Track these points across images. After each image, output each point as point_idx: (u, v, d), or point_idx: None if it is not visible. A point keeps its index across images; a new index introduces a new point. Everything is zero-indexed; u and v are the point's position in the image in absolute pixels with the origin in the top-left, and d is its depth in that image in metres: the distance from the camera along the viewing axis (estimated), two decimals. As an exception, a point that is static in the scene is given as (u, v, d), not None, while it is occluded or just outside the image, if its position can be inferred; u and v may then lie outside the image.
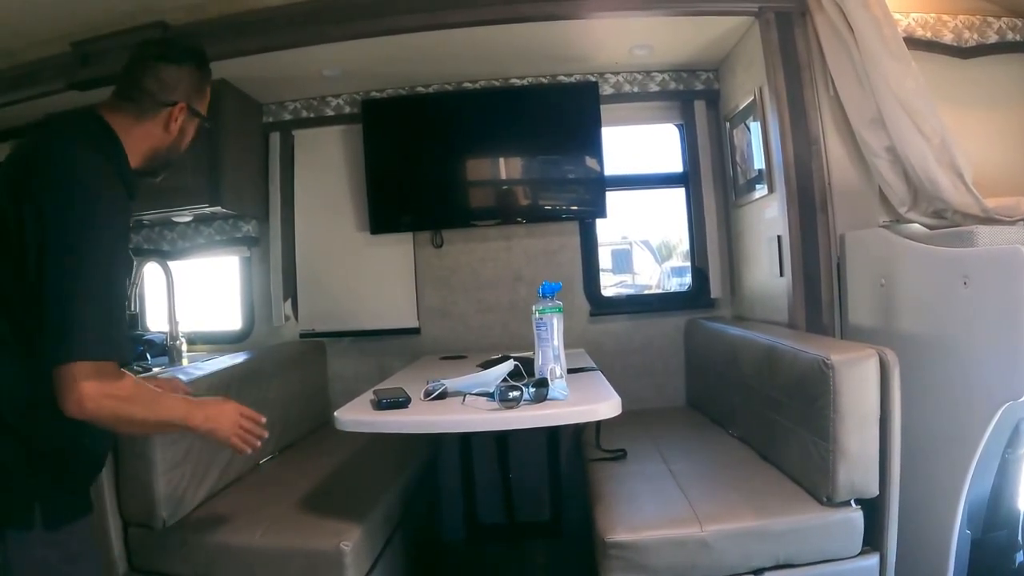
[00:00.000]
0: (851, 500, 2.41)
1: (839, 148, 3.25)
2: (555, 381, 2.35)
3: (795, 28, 3.30)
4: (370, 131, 4.13)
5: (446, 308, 4.23)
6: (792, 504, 2.45)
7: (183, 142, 1.95)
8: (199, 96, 1.96)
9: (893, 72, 2.90)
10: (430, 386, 2.46)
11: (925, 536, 2.54)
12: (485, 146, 4.16)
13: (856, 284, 3.13)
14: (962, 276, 2.40)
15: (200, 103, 1.97)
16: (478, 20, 3.36)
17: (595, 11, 3.34)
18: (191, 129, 1.96)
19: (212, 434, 1.89)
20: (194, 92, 1.93)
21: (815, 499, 2.45)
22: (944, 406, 2.50)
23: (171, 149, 1.93)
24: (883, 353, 2.39)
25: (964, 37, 3.40)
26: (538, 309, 2.45)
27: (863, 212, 3.21)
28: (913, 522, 2.53)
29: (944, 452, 2.49)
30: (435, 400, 2.41)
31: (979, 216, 2.79)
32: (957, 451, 2.42)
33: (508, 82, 4.20)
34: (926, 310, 2.63)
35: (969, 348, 2.40)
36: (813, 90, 3.27)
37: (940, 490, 2.49)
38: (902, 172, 2.98)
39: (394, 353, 4.15)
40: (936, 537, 2.49)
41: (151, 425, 1.78)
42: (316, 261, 4.28)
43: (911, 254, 2.71)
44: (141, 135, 1.83)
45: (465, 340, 4.17)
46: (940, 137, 2.83)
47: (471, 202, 4.17)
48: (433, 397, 2.42)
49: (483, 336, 4.16)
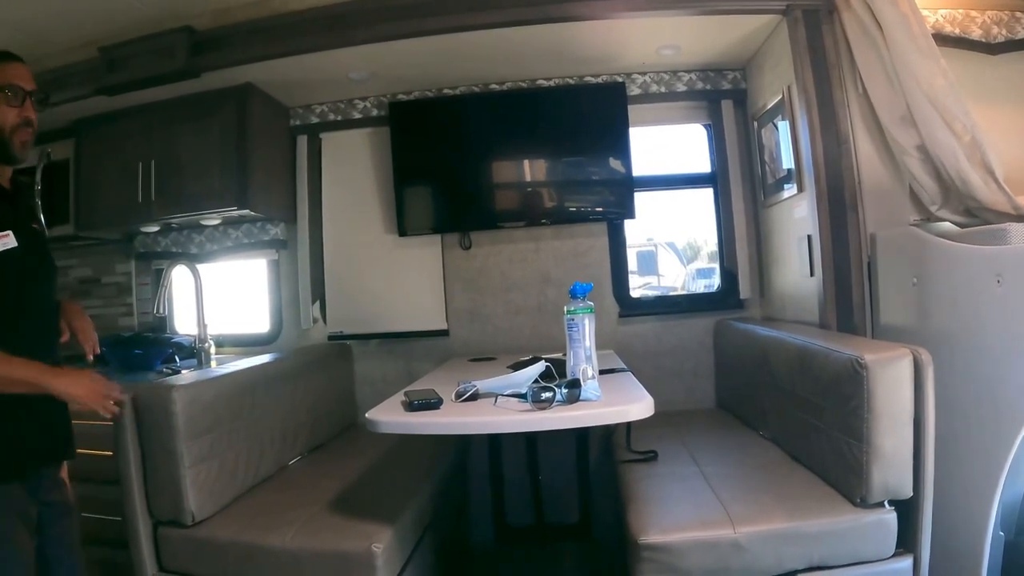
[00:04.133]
0: (885, 501, 2.40)
1: (868, 147, 3.22)
2: (587, 382, 2.35)
3: (823, 26, 3.29)
4: (397, 133, 4.15)
5: (474, 310, 4.24)
6: (825, 506, 2.44)
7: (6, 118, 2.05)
8: None
9: (923, 69, 2.87)
10: (461, 387, 2.46)
11: (959, 538, 2.51)
12: (512, 147, 4.17)
13: (887, 283, 3.10)
14: (995, 274, 2.37)
15: None
16: (504, 22, 3.37)
17: (621, 11, 3.33)
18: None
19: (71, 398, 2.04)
20: None
21: (848, 500, 2.43)
22: (977, 406, 2.47)
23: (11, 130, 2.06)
24: (917, 353, 2.36)
25: (992, 33, 3.37)
26: (569, 309, 2.45)
27: (893, 211, 3.18)
28: (946, 524, 2.51)
29: (977, 453, 2.46)
30: (466, 401, 2.41)
31: (1011, 214, 2.76)
32: (991, 452, 2.39)
33: (535, 83, 4.21)
34: (959, 309, 2.60)
35: (1003, 347, 2.37)
36: (842, 88, 3.25)
37: (974, 491, 2.46)
38: (933, 170, 2.95)
39: (422, 355, 4.17)
40: (970, 539, 2.47)
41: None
42: (344, 264, 4.29)
43: (943, 253, 2.68)
44: None
45: (494, 342, 4.17)
46: (971, 134, 2.80)
47: (498, 204, 4.17)
48: (465, 398, 2.42)
49: (512, 338, 4.16)
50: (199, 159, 3.79)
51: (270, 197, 4.04)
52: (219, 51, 3.53)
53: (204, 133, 3.78)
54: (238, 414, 2.92)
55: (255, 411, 3.06)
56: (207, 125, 3.77)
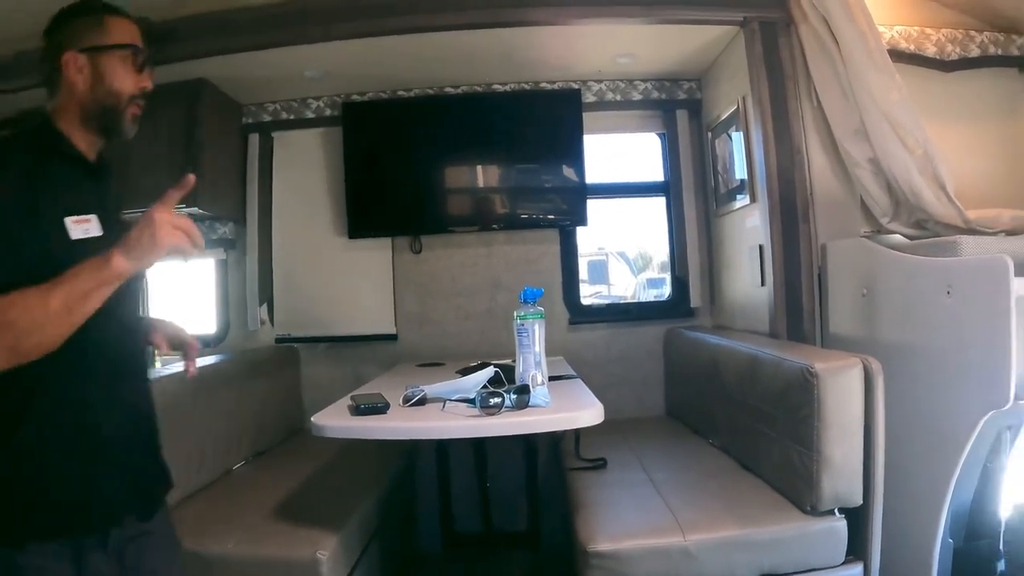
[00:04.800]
0: (835, 509, 2.42)
1: (822, 159, 3.25)
2: (536, 388, 2.32)
3: (780, 38, 3.31)
4: (350, 134, 4.11)
5: (424, 314, 4.20)
6: (775, 513, 2.44)
7: (110, 81, 1.70)
8: (88, 34, 1.69)
9: (877, 84, 2.91)
10: (409, 392, 2.42)
11: (908, 545, 2.53)
12: (466, 152, 4.15)
13: (838, 293, 3.13)
14: (946, 285, 2.40)
15: (94, 38, 1.69)
16: (461, 24, 3.35)
17: (579, 18, 3.33)
18: (111, 66, 1.70)
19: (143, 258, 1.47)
20: (77, 35, 1.68)
21: (798, 508, 2.44)
22: (927, 415, 2.50)
23: (99, 96, 1.69)
24: (867, 362, 2.39)
25: (947, 51, 3.42)
26: (519, 315, 2.42)
27: (845, 222, 3.22)
28: (896, 531, 2.53)
29: (927, 461, 2.48)
30: (414, 406, 2.37)
31: (961, 227, 2.80)
32: (940, 460, 2.42)
33: (490, 88, 4.19)
34: (909, 319, 2.62)
35: (952, 357, 2.40)
36: (797, 101, 3.27)
37: (923, 499, 2.49)
38: (884, 183, 2.99)
39: (370, 360, 4.10)
40: (919, 546, 2.49)
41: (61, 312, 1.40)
42: (293, 265, 4.23)
43: (894, 264, 2.71)
44: (63, 107, 1.68)
45: (443, 347, 4.13)
46: (923, 149, 2.84)
47: (451, 208, 4.16)
48: (412, 403, 2.38)
49: (461, 343, 4.12)
50: (148, 154, 3.64)
51: (220, 196, 3.96)
52: (173, 43, 3.42)
53: (154, 127, 3.64)
54: (180, 417, 2.83)
55: (198, 414, 2.98)
56: (157, 119, 3.63)
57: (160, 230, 1.46)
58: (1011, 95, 3.50)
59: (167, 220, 1.48)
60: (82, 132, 1.69)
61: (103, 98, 1.69)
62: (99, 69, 1.69)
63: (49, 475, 1.50)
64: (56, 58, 1.66)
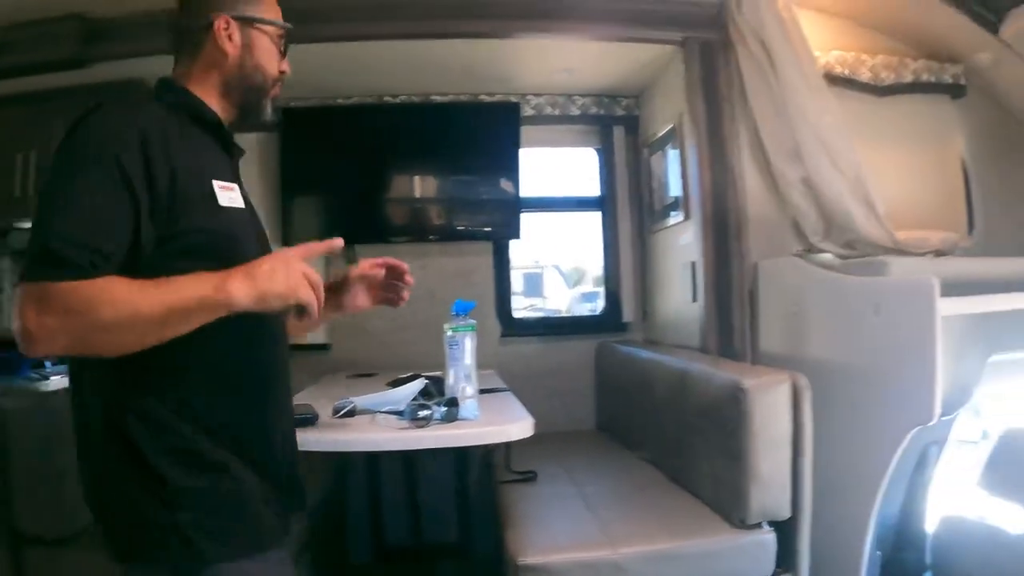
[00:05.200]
0: (763, 522, 2.45)
1: (755, 178, 3.29)
2: (466, 401, 2.30)
3: (718, 59, 3.34)
4: (288, 140, 4.05)
5: (357, 324, 4.11)
6: (705, 526, 2.47)
7: (258, 57, 1.60)
8: (242, 2, 1.59)
9: (812, 107, 2.96)
10: (339, 403, 2.38)
11: (836, 557, 2.56)
12: (403, 162, 4.13)
13: (768, 311, 3.16)
14: (874, 304, 2.44)
15: (249, 8, 1.60)
16: (402, 34, 3.32)
17: (520, 32, 3.33)
18: (262, 42, 1.61)
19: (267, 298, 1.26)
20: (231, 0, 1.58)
21: (728, 522, 2.47)
22: (855, 430, 2.54)
23: (245, 70, 1.59)
24: (795, 378, 2.43)
25: (881, 76, 3.49)
26: (450, 327, 2.39)
27: (777, 241, 3.26)
28: (825, 543, 2.56)
29: (855, 475, 2.52)
30: (344, 418, 2.34)
31: (890, 248, 2.86)
32: (867, 474, 2.46)
33: (429, 98, 4.17)
34: (837, 337, 2.67)
35: (879, 374, 2.44)
36: (732, 121, 3.30)
37: (851, 512, 2.52)
38: (816, 203, 3.04)
39: (302, 369, 3.93)
40: (847, 558, 2.52)
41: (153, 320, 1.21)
42: None
43: (823, 283, 2.76)
44: (201, 76, 1.59)
45: (376, 358, 4.05)
46: (855, 171, 2.90)
47: (386, 218, 4.13)
48: (342, 415, 2.34)
49: (394, 354, 4.02)
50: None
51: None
52: (111, 42, 3.33)
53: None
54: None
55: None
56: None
57: (296, 277, 1.28)
58: (942, 121, 3.60)
59: (306, 270, 1.30)
60: (220, 104, 1.60)
61: (250, 73, 1.60)
62: (249, 42, 1.60)
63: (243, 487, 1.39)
64: (203, 20, 1.57)
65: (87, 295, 1.16)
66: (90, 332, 1.18)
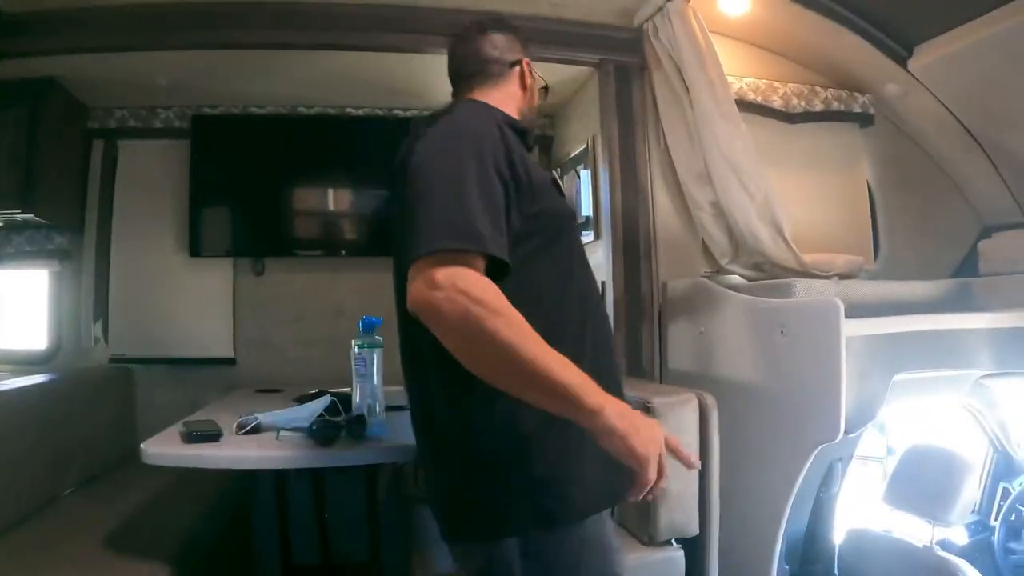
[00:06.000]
0: (672, 540, 2.46)
1: (666, 200, 3.35)
2: (373, 418, 2.29)
3: (633, 82, 3.40)
4: (198, 148, 3.96)
5: (264, 339, 4.06)
6: (614, 544, 2.46)
7: (531, 99, 1.92)
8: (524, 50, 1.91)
9: (723, 131, 3.02)
10: (243, 419, 2.34)
11: (746, 571, 2.60)
12: (315, 175, 4.10)
13: (677, 331, 3.20)
14: (780, 326, 2.49)
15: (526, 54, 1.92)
16: (319, 44, 3.30)
17: (437, 47, 3.25)
18: (534, 85, 1.93)
19: (625, 441, 1.29)
20: (522, 46, 1.90)
21: (636, 539, 2.48)
22: (762, 448, 2.59)
23: (531, 106, 1.92)
24: (702, 397, 2.46)
25: (792, 104, 3.60)
26: (357, 344, 2.37)
27: (686, 262, 3.32)
28: (734, 559, 2.60)
29: (762, 492, 2.57)
30: (248, 434, 2.30)
31: (796, 270, 2.92)
32: (774, 490, 2.51)
33: (344, 111, 4.15)
34: (744, 357, 2.71)
35: (785, 393, 2.49)
36: (645, 143, 3.36)
37: (759, 527, 2.57)
38: (725, 226, 3.10)
39: (208, 384, 3.89)
40: (756, 572, 2.56)
41: (525, 370, 1.28)
42: (132, 281, 4.00)
43: (731, 303, 2.80)
44: (505, 104, 1.78)
45: (283, 373, 3.98)
46: (763, 195, 2.96)
47: (296, 231, 4.08)
48: (246, 431, 2.31)
49: (301, 370, 3.98)
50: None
51: (58, 203, 3.74)
52: (21, 38, 3.21)
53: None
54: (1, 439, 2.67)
55: (19, 437, 2.79)
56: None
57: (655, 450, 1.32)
58: (851, 148, 3.73)
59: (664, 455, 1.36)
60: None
61: (530, 109, 1.91)
62: (531, 84, 1.90)
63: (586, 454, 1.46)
64: (512, 58, 1.85)
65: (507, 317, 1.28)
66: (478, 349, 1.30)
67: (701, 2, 3.16)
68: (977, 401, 3.36)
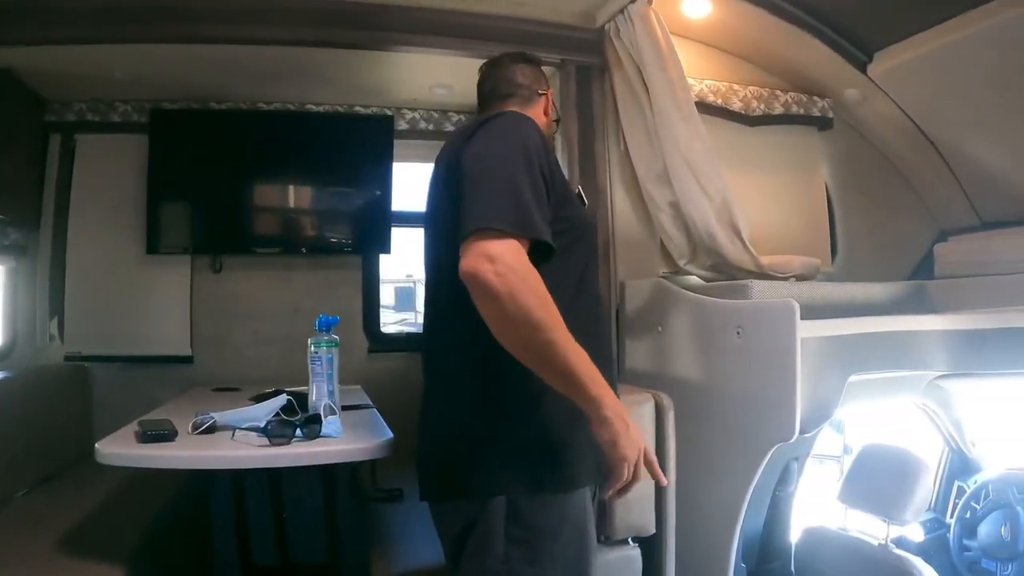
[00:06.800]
0: (629, 539, 2.50)
1: (625, 200, 3.35)
2: (328, 418, 2.26)
3: (593, 82, 3.39)
4: (156, 143, 3.87)
5: (222, 337, 4.00)
6: (569, 544, 2.46)
7: (549, 130, 2.16)
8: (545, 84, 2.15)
9: (683, 133, 3.02)
10: (199, 418, 2.30)
11: (703, 570, 2.61)
12: (274, 171, 4.05)
13: (634, 331, 3.20)
14: (736, 326, 2.50)
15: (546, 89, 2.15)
16: (279, 39, 3.25)
17: (398, 45, 3.31)
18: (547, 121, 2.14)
19: (615, 437, 1.50)
20: (546, 80, 2.16)
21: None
22: (718, 447, 2.59)
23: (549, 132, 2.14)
24: (658, 397, 2.48)
25: (752, 106, 3.61)
26: (313, 343, 2.37)
27: (645, 263, 3.32)
28: (692, 557, 2.62)
29: (719, 491, 2.57)
30: (203, 434, 2.26)
31: (754, 271, 2.94)
32: (731, 490, 2.51)
33: (304, 107, 4.11)
34: (701, 357, 2.72)
35: (741, 394, 2.50)
36: (605, 143, 3.35)
37: (716, 526, 2.57)
38: (683, 226, 3.11)
39: (165, 382, 3.82)
40: (713, 570, 2.56)
41: (548, 349, 1.47)
42: (88, 278, 3.92)
43: (688, 304, 2.81)
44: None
45: (240, 372, 3.91)
46: (722, 196, 2.97)
47: (255, 228, 4.04)
48: (201, 430, 2.26)
49: (259, 368, 3.92)
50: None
51: (14, 198, 3.67)
52: None
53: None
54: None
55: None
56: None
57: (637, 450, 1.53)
58: (810, 151, 3.76)
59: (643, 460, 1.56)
60: None
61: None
62: (551, 113, 2.16)
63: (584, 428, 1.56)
64: (539, 88, 2.11)
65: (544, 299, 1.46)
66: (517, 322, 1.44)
67: (663, 4, 3.16)
68: (932, 401, 3.41)
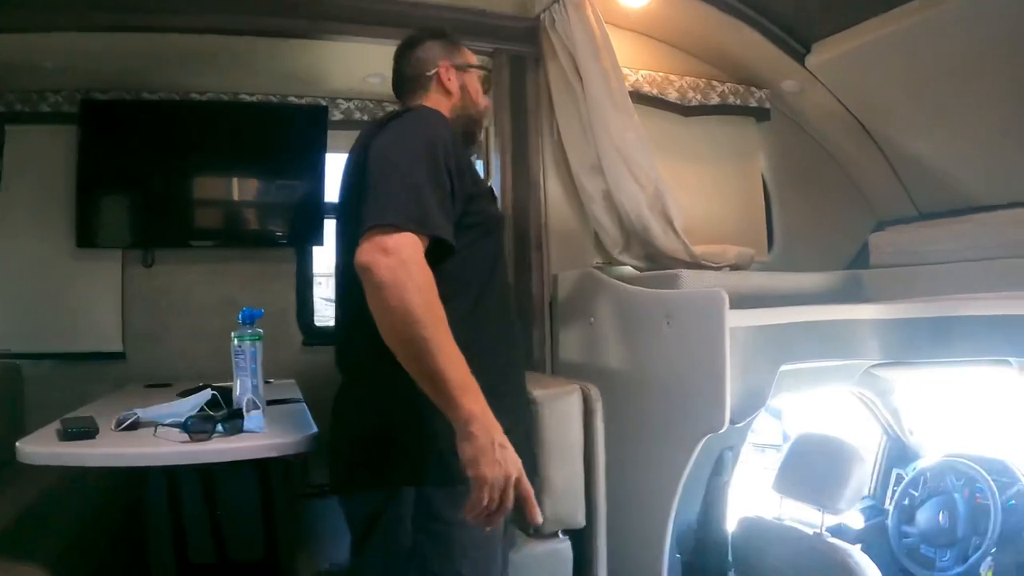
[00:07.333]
0: (559, 531, 2.48)
1: (558, 190, 3.34)
2: (251, 413, 2.22)
3: (527, 72, 3.37)
4: (86, 134, 3.77)
5: (154, 332, 3.92)
6: (499, 537, 2.45)
7: (474, 96, 2.10)
8: (453, 54, 2.09)
9: (615, 123, 3.01)
10: (122, 415, 2.26)
11: (637, 562, 2.60)
12: (208, 163, 3.97)
13: (567, 322, 3.19)
14: (665, 316, 2.49)
15: (458, 58, 2.09)
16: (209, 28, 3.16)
17: (331, 33, 3.26)
18: (472, 82, 2.10)
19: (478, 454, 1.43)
20: (445, 53, 2.07)
21: (522, 531, 2.45)
22: (649, 438, 2.58)
23: (466, 105, 2.07)
24: (586, 389, 2.47)
25: (688, 96, 3.61)
26: (236, 336, 2.33)
27: (578, 253, 3.31)
28: (624, 549, 2.62)
29: (650, 482, 2.56)
30: (126, 430, 2.21)
31: (687, 261, 2.94)
32: (663, 480, 2.50)
33: (237, 97, 4.04)
34: (632, 347, 2.72)
35: (671, 384, 2.49)
36: (538, 134, 3.33)
37: (648, 518, 2.56)
38: (616, 216, 3.10)
39: (99, 379, 3.73)
40: (647, 563, 2.55)
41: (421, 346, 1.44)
42: (17, 273, 3.81)
43: (618, 294, 2.80)
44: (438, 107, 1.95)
45: (174, 367, 3.81)
46: (654, 186, 2.96)
47: (187, 221, 3.95)
48: (124, 427, 2.22)
49: (193, 363, 3.81)
50: None
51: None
52: None
53: None
54: None
55: None
56: None
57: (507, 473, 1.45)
58: (747, 142, 3.78)
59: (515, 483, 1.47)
60: None
61: (469, 107, 2.08)
62: (465, 83, 2.08)
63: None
64: (429, 70, 2.04)
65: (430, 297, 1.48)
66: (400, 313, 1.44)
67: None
68: (869, 390, 3.44)
